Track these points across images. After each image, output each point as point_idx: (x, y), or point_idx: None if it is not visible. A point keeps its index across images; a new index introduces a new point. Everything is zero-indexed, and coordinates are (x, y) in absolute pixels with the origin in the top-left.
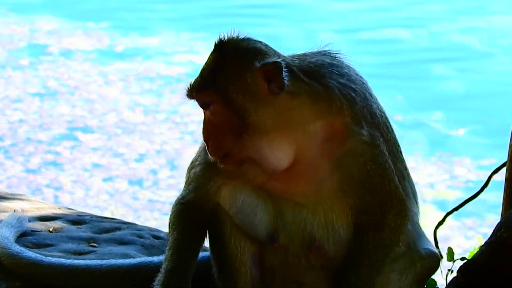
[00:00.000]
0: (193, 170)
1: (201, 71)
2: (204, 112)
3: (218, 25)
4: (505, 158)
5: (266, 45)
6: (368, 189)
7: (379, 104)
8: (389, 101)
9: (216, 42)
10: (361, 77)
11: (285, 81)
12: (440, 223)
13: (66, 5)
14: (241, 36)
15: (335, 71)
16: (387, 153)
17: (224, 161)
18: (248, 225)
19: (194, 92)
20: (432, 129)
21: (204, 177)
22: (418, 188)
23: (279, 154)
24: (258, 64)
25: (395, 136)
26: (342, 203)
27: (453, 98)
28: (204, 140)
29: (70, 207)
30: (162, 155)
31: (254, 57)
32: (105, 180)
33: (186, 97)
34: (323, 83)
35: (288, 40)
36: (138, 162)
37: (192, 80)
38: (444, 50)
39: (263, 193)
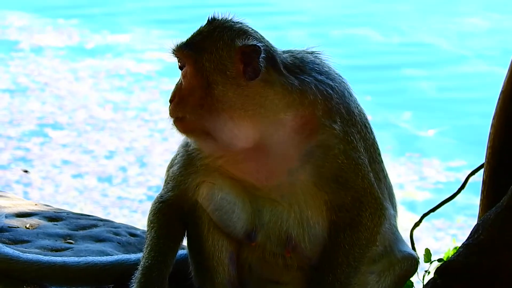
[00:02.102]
0: (171, 169)
1: (190, 35)
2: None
3: (188, 23)
4: (474, 160)
5: (256, 32)
6: (341, 184)
7: (358, 105)
8: (358, 100)
9: (209, 16)
10: (341, 76)
11: (261, 67)
12: (417, 224)
13: (37, 1)
14: (234, 17)
15: (315, 68)
16: (362, 151)
17: (178, 123)
18: (226, 222)
19: (176, 48)
20: (401, 130)
21: (182, 175)
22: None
23: (237, 132)
24: (239, 44)
25: (374, 137)
26: (317, 198)
27: (422, 99)
28: (169, 100)
29: (46, 204)
30: (132, 152)
31: (237, 35)
32: (74, 176)
33: (171, 51)
34: (300, 77)
35: None
36: (107, 159)
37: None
38: (414, 51)
39: (242, 191)
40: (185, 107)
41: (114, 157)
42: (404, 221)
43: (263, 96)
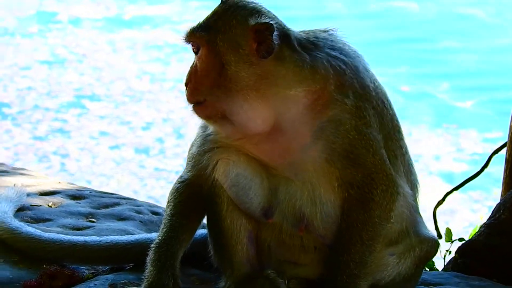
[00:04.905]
0: (191, 151)
1: (203, 18)
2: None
3: None
4: None
5: (269, 11)
6: (352, 160)
7: (376, 80)
8: (396, 72)
9: None
10: (356, 52)
11: (274, 45)
12: (440, 202)
13: None
14: None
15: (328, 44)
16: (375, 126)
17: (197, 108)
18: (242, 199)
19: (189, 32)
20: (439, 100)
21: (200, 155)
22: (423, 160)
23: (253, 114)
24: (252, 22)
25: (393, 114)
26: (328, 175)
27: (460, 70)
28: (185, 83)
29: (71, 182)
30: (169, 124)
31: (250, 14)
32: (111, 148)
33: (183, 39)
34: (313, 54)
35: (296, 10)
36: (144, 130)
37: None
38: (452, 22)
39: (259, 168)
40: (203, 90)
41: (151, 129)
42: (441, 194)
43: (274, 75)
